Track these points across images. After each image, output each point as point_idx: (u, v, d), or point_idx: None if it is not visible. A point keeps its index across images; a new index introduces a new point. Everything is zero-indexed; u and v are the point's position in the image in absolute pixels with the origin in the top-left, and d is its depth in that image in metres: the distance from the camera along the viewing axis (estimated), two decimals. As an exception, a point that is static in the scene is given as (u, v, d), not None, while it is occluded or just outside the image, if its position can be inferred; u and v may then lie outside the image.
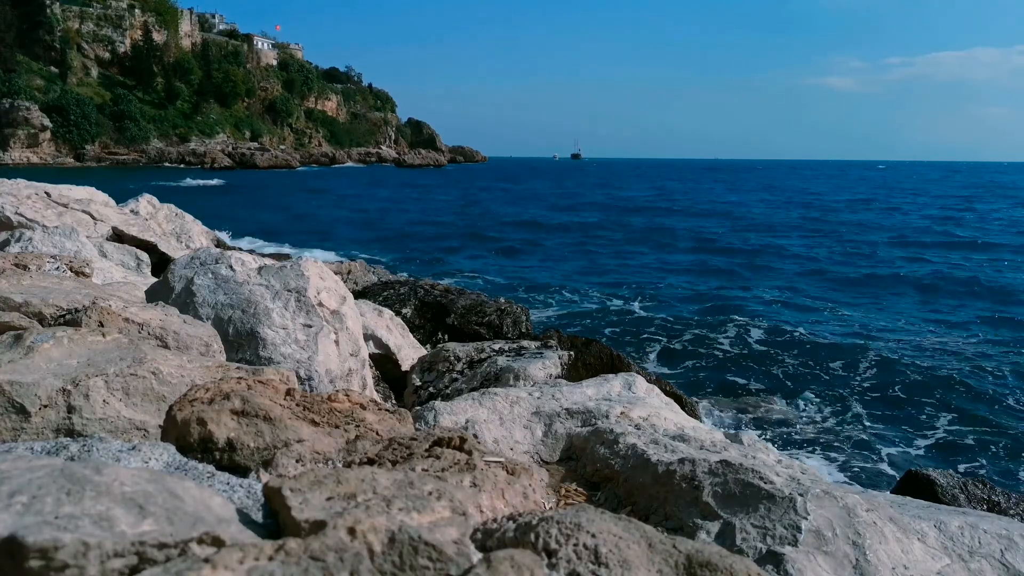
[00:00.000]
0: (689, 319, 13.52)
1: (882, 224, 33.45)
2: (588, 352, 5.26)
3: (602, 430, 2.63)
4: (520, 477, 1.40)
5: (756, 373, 10.24)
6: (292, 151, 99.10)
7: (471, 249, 23.36)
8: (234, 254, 3.40)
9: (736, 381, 9.87)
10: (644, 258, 22.16)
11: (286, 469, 1.39)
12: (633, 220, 34.28)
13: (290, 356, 3.00)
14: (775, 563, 1.85)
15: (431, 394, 4.30)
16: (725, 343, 11.89)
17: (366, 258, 15.99)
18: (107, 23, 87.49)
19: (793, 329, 12.82)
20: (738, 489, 2.06)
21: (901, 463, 7.38)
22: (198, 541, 0.90)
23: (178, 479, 1.07)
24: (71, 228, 4.77)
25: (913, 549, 2.00)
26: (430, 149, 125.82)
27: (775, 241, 26.57)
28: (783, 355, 11.11)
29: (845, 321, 13.83)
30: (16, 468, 0.97)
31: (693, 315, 13.92)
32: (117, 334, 2.06)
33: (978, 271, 19.86)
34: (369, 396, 1.97)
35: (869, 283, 18.13)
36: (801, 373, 10.30)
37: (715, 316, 13.77)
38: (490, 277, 17.85)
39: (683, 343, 11.92)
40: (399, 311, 6.47)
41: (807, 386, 9.74)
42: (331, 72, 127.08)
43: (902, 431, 8.34)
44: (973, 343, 12.24)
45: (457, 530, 1.04)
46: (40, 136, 72.52)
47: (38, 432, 1.62)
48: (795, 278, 18.74)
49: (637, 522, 1.11)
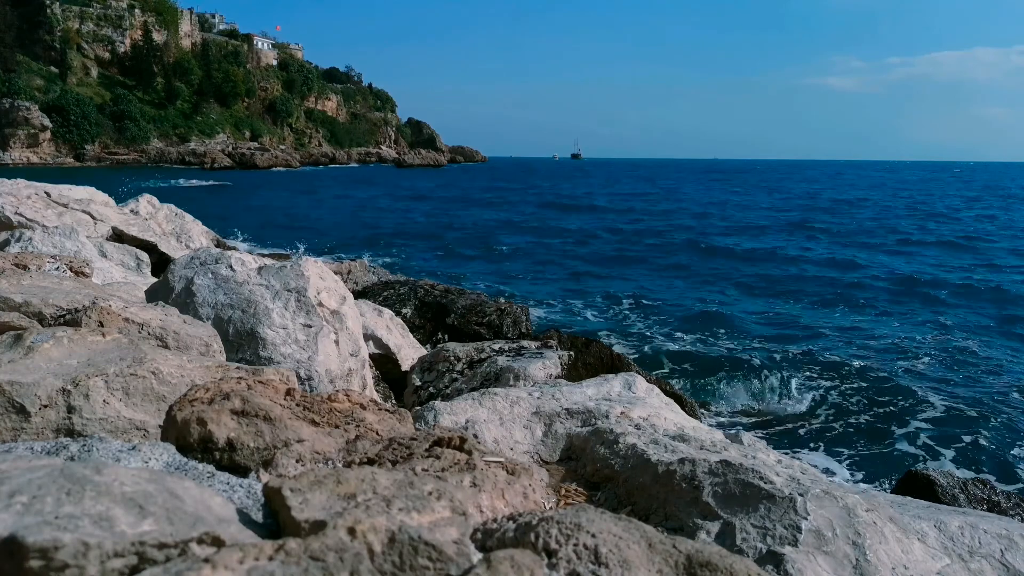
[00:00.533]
0: (689, 319, 13.53)
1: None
2: (588, 352, 5.26)
3: (602, 430, 2.63)
4: (520, 477, 1.40)
5: (756, 373, 10.24)
6: (292, 151, 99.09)
7: (467, 251, 23.37)
8: (234, 254, 3.40)
9: (736, 381, 9.87)
10: (644, 258, 22.16)
11: (286, 469, 1.39)
12: (632, 219, 34.31)
13: (290, 356, 3.00)
14: (775, 563, 1.85)
15: (431, 394, 4.30)
16: (725, 343, 11.89)
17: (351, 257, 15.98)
18: (107, 23, 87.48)
19: (793, 328, 12.83)
20: (738, 489, 2.06)
21: (901, 463, 7.38)
22: (198, 541, 0.90)
23: (178, 479, 1.07)
24: (71, 228, 4.77)
25: (913, 549, 2.00)
26: (430, 149, 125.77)
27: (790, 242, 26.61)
28: (783, 355, 11.11)
29: (846, 320, 13.84)
30: (16, 468, 0.97)
31: (693, 315, 13.92)
32: (117, 334, 2.06)
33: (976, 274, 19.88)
34: (369, 396, 1.97)
35: (872, 283, 18.14)
36: (801, 373, 10.30)
37: (715, 316, 13.77)
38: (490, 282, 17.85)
39: (683, 343, 11.92)
40: (399, 311, 6.47)
41: (807, 386, 9.74)
42: (331, 72, 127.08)
43: (902, 431, 8.34)
44: (974, 344, 12.23)
45: (457, 530, 1.04)
46: (40, 136, 72.53)
47: (38, 432, 1.62)
48: (797, 281, 18.75)
49: (637, 522, 1.11)
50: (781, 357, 11.00)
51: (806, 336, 12.40)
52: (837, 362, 10.82)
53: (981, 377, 10.32)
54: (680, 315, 13.91)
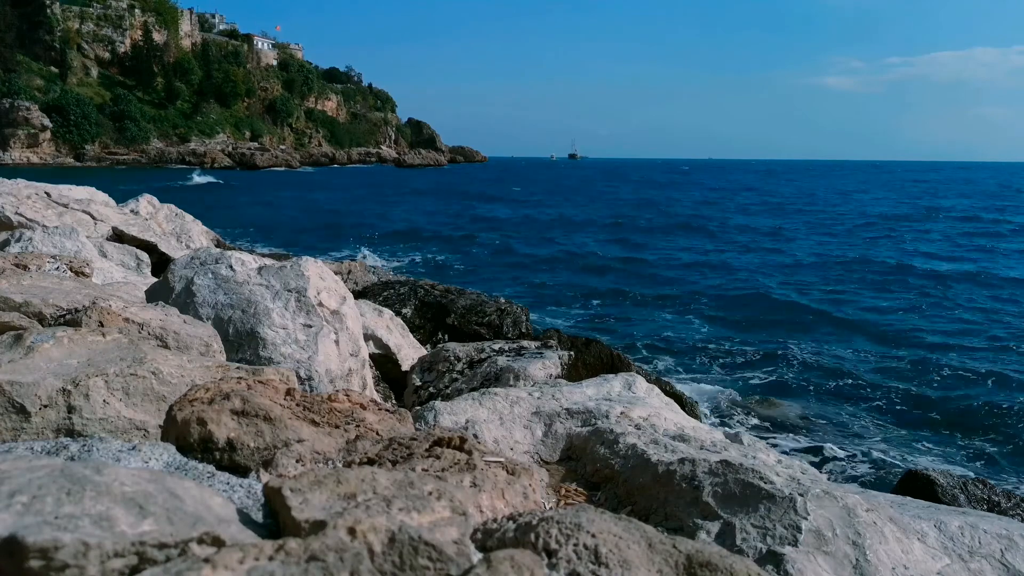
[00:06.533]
0: (689, 319, 13.53)
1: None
2: (588, 352, 5.26)
3: (602, 430, 2.63)
4: (520, 477, 1.40)
5: (757, 373, 10.24)
6: (292, 151, 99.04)
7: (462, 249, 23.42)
8: (234, 254, 3.40)
9: (737, 381, 9.87)
10: (644, 258, 22.16)
11: (286, 469, 1.39)
12: (632, 218, 34.33)
13: (290, 356, 3.00)
14: (775, 563, 1.85)
15: (431, 394, 4.30)
16: (726, 343, 11.89)
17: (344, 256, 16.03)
18: (107, 23, 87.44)
19: (794, 329, 12.83)
20: (738, 489, 2.06)
21: (901, 463, 7.38)
22: (198, 541, 0.90)
23: (178, 479, 1.07)
24: (71, 228, 4.77)
25: (913, 549, 2.00)
26: (430, 149, 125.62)
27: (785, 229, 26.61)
28: (783, 355, 11.10)
29: (846, 321, 13.83)
30: (16, 468, 0.97)
31: (694, 315, 13.91)
32: (117, 334, 2.06)
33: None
34: (369, 396, 1.97)
35: (874, 282, 18.14)
36: (801, 373, 10.30)
37: (716, 317, 13.77)
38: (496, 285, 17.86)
39: (684, 343, 11.92)
40: (399, 311, 6.46)
41: (807, 386, 9.74)
42: (331, 72, 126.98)
43: (903, 431, 8.34)
44: (975, 343, 12.23)
45: (457, 530, 1.04)
46: (40, 136, 72.50)
47: (38, 432, 1.62)
48: (798, 276, 18.75)
49: (637, 522, 1.11)
50: (782, 357, 11.00)
51: (807, 336, 12.40)
52: (837, 362, 10.82)
53: (984, 377, 10.31)
54: (681, 315, 13.91)
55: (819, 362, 10.83)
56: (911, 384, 9.87)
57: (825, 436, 8.12)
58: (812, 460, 7.30)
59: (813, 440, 7.99)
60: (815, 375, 10.26)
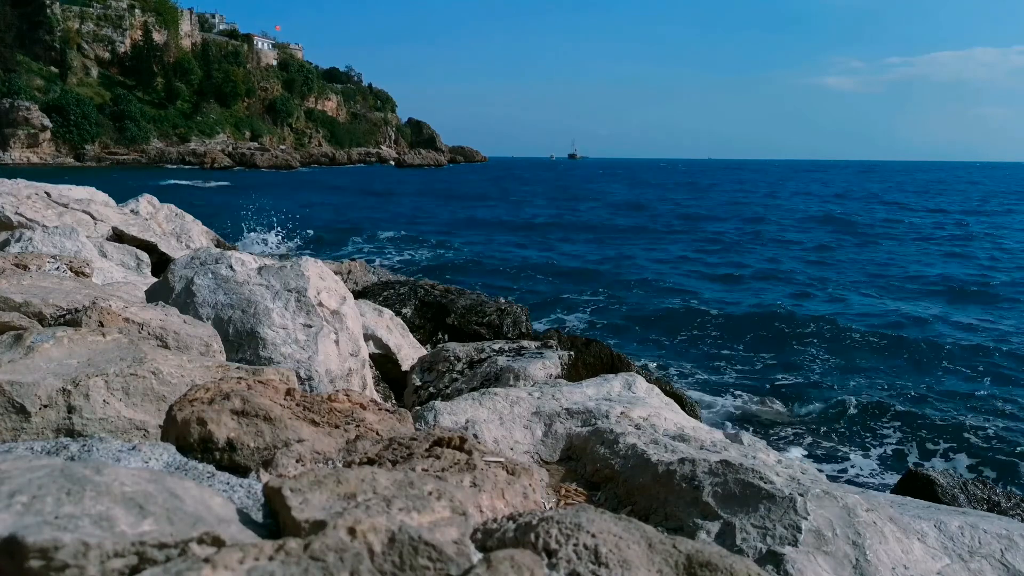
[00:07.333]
0: (690, 320, 13.53)
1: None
2: (588, 352, 5.25)
3: (602, 430, 2.63)
4: (520, 477, 1.40)
5: (757, 373, 10.24)
6: (292, 151, 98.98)
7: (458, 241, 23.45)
8: (234, 254, 3.40)
9: (737, 381, 9.87)
10: (645, 259, 22.17)
11: (286, 469, 1.39)
12: (631, 218, 34.37)
13: (290, 356, 3.00)
14: (775, 563, 1.85)
15: (431, 394, 4.30)
16: (726, 344, 11.88)
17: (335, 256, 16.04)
18: (107, 23, 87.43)
19: (794, 330, 12.82)
20: (738, 489, 2.06)
21: (901, 463, 7.38)
22: (198, 541, 0.90)
23: (178, 479, 1.07)
24: (71, 228, 4.77)
25: (913, 549, 2.00)
26: (430, 149, 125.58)
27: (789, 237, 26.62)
28: (784, 356, 11.11)
29: (846, 321, 13.83)
30: (16, 468, 0.97)
31: (694, 316, 13.91)
32: (117, 334, 2.06)
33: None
34: (369, 396, 1.97)
35: (877, 282, 18.14)
36: (801, 373, 10.30)
37: (716, 317, 13.76)
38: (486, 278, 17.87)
39: (684, 343, 11.93)
40: (399, 311, 6.46)
41: (807, 386, 9.74)
42: (331, 72, 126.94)
43: (903, 431, 8.34)
44: (977, 343, 12.23)
45: (457, 530, 1.04)
46: (40, 136, 72.49)
47: (38, 432, 1.62)
48: (800, 279, 18.74)
49: (637, 522, 1.11)
50: (782, 357, 11.00)
51: (806, 336, 12.39)
52: (838, 362, 10.82)
53: (984, 377, 10.31)
54: (681, 315, 13.91)
55: (819, 363, 10.83)
56: (911, 384, 9.87)
57: (825, 436, 8.11)
58: (812, 460, 7.30)
59: (813, 440, 7.99)
60: (815, 376, 10.26)
